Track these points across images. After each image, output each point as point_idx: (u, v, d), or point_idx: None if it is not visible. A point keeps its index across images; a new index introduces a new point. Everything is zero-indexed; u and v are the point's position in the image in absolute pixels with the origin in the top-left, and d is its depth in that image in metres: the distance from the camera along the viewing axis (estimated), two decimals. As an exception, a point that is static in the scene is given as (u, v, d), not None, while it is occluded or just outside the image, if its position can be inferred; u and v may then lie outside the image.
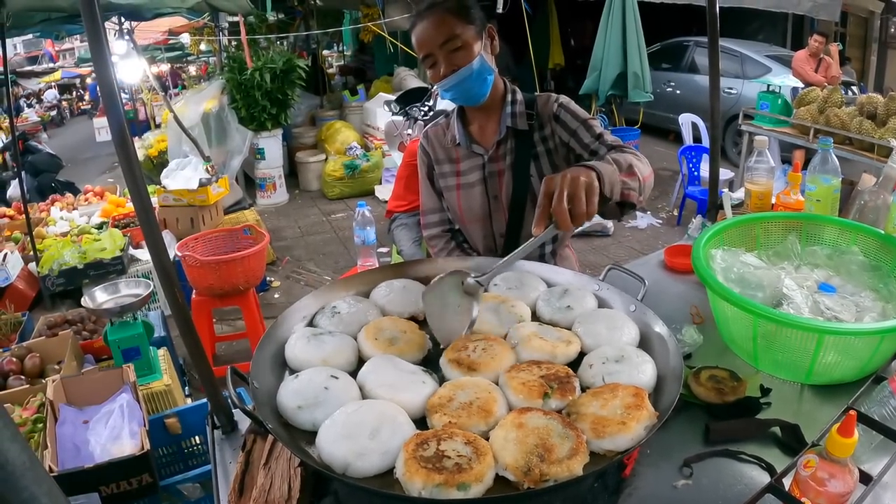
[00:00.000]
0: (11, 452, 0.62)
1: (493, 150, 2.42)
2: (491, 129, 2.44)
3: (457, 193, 2.50)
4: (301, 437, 1.39)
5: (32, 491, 0.64)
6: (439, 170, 2.54)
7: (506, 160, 2.42)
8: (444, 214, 2.62)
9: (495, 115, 2.42)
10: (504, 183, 2.43)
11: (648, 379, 1.50)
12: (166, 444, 3.33)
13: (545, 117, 2.39)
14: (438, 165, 2.54)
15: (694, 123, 8.79)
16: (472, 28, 2.18)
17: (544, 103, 2.41)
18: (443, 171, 2.54)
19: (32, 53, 31.98)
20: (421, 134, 2.60)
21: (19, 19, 6.69)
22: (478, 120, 2.47)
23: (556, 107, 2.38)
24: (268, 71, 9.29)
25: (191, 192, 6.88)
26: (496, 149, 2.42)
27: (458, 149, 2.48)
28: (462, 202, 2.49)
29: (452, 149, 2.50)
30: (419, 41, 2.21)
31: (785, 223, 2.31)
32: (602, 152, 2.22)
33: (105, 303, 3.85)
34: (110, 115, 1.77)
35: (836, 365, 1.75)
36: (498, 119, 2.42)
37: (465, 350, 1.62)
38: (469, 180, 2.47)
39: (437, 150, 2.54)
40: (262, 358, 1.61)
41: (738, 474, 1.50)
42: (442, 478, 1.17)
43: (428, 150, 2.57)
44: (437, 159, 2.54)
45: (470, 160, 2.46)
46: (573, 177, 1.63)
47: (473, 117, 2.48)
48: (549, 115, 2.38)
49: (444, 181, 2.54)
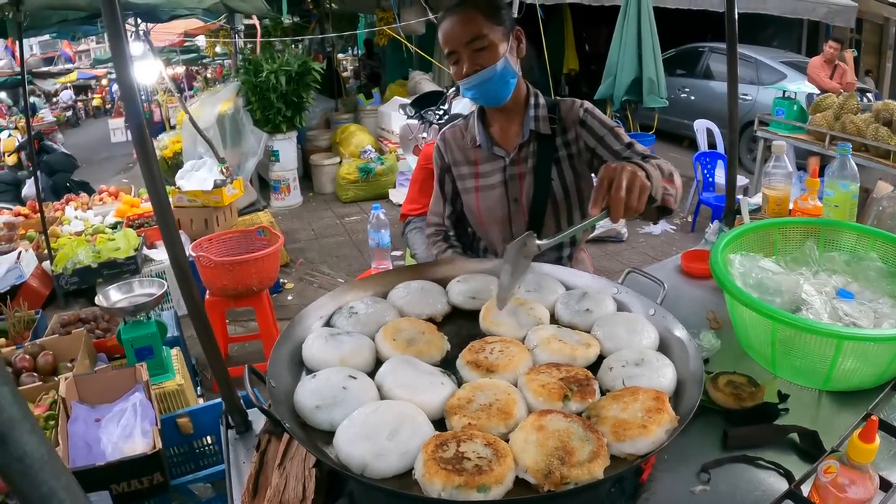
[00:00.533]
0: (30, 445, 0.62)
1: (514, 153, 2.41)
2: (513, 132, 2.43)
3: (475, 195, 2.49)
4: (318, 437, 1.39)
5: (51, 485, 0.64)
6: (457, 172, 2.53)
7: (527, 163, 2.41)
8: (441, 219, 2.65)
9: (518, 118, 2.42)
10: (525, 186, 2.42)
11: (668, 382, 1.49)
12: (178, 443, 3.34)
13: (569, 122, 2.39)
14: (456, 167, 2.53)
15: (709, 129, 8.76)
16: (499, 29, 2.18)
17: (568, 108, 2.41)
18: (461, 173, 2.53)
19: (49, 54, 32.15)
20: (438, 136, 2.59)
21: (36, 19, 6.73)
22: (499, 122, 2.45)
23: (583, 112, 2.38)
24: (283, 73, 9.31)
25: (205, 193, 6.92)
26: (518, 151, 2.41)
27: (478, 150, 2.47)
28: (481, 204, 2.48)
29: (471, 150, 2.49)
30: (446, 37, 2.22)
31: (803, 229, 2.30)
32: (635, 160, 2.21)
33: (119, 302, 3.86)
34: (129, 114, 1.79)
35: (854, 371, 1.73)
36: (520, 122, 2.41)
37: (483, 352, 1.62)
38: (489, 182, 2.46)
39: (454, 151, 2.54)
40: (280, 357, 1.62)
41: (756, 480, 1.50)
42: (462, 479, 1.16)
43: (444, 152, 2.57)
44: (455, 161, 2.53)
45: (490, 162, 2.46)
46: (632, 171, 1.70)
47: (495, 119, 2.46)
48: (575, 120, 2.38)
49: (462, 183, 2.53)
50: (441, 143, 2.58)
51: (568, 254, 2.57)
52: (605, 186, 1.69)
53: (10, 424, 0.60)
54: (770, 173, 2.77)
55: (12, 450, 0.61)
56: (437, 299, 1.94)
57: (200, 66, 26.56)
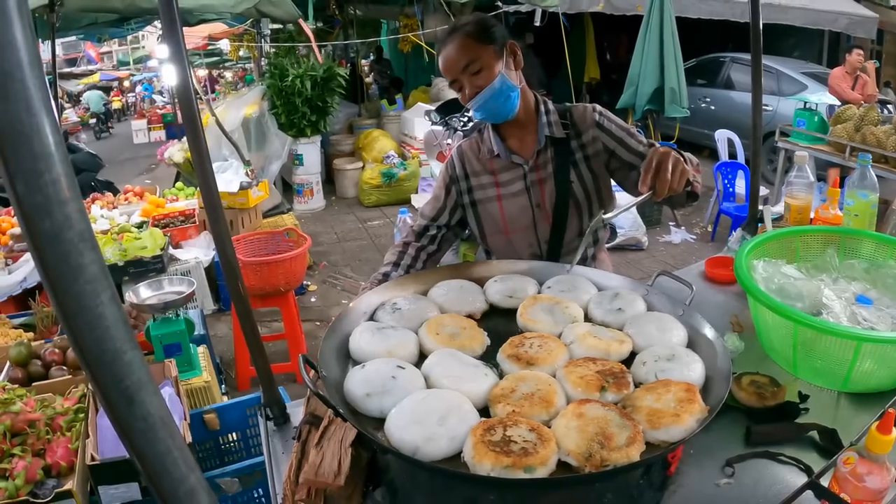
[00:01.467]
0: (154, 405, 0.67)
1: (533, 160, 2.48)
2: (529, 140, 2.50)
3: (498, 204, 2.54)
4: (368, 423, 1.45)
5: (168, 444, 0.69)
6: (476, 182, 2.57)
7: (546, 168, 2.48)
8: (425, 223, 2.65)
9: (531, 127, 2.49)
10: (546, 190, 2.49)
11: (698, 377, 1.55)
12: (203, 439, 3.39)
13: (585, 125, 2.47)
14: (476, 178, 2.57)
15: (729, 140, 8.77)
16: (490, 48, 2.27)
17: (581, 112, 2.50)
18: (480, 184, 2.57)
19: (72, 56, 32.36)
20: (454, 148, 2.64)
21: (67, 21, 6.81)
22: (514, 133, 2.53)
23: (598, 115, 2.48)
24: (308, 78, 9.39)
25: (231, 194, 6.96)
26: (536, 158, 2.48)
27: (496, 161, 2.53)
28: (505, 213, 2.53)
29: (489, 161, 2.54)
30: (444, 67, 2.33)
31: (824, 237, 2.35)
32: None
33: (148, 299, 3.92)
34: (185, 115, 1.87)
35: (872, 373, 1.78)
36: (535, 130, 2.49)
37: (523, 346, 1.70)
38: (511, 190, 2.52)
39: (472, 162, 2.58)
40: (328, 349, 1.68)
41: (777, 475, 1.56)
42: (510, 460, 1.23)
43: (458, 163, 2.61)
44: (474, 172, 2.57)
45: (510, 171, 2.52)
46: (676, 156, 1.95)
47: (510, 132, 2.53)
48: (591, 123, 2.47)
49: (483, 192, 2.57)
50: (457, 156, 2.62)
51: (592, 253, 2.64)
52: (655, 168, 1.92)
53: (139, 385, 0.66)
54: (792, 183, 2.83)
55: (138, 409, 0.66)
56: (476, 297, 2.01)
57: (222, 69, 26.69)
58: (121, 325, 0.63)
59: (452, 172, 2.61)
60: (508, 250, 2.60)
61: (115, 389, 0.65)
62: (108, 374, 0.64)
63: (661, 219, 8.89)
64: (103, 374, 0.64)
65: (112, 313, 0.62)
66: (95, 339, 0.62)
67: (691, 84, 11.08)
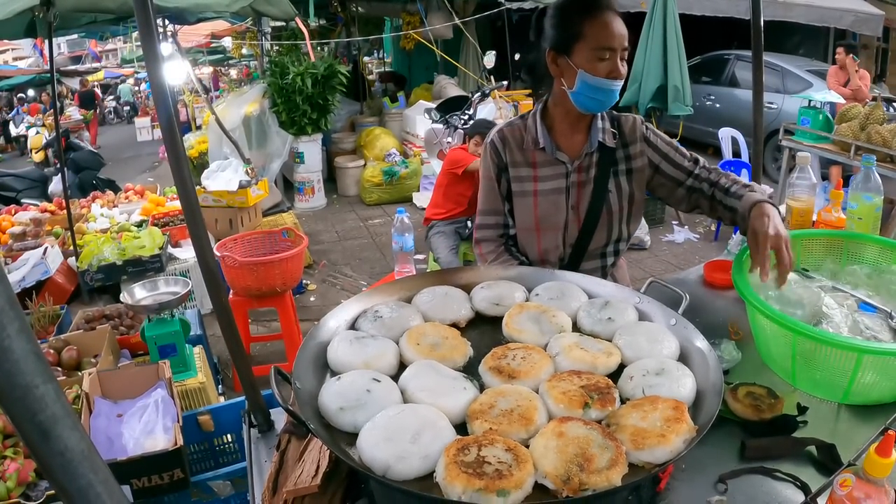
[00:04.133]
0: (72, 440, 0.64)
1: (579, 161, 2.43)
2: (579, 140, 2.45)
3: (534, 199, 2.47)
4: (342, 438, 1.40)
5: (90, 478, 0.66)
6: (515, 173, 2.49)
7: (589, 173, 2.44)
8: (501, 219, 2.56)
9: (584, 127, 2.45)
10: (584, 195, 2.44)
11: (688, 393, 1.50)
12: (198, 440, 3.38)
13: (633, 137, 2.45)
14: (515, 168, 2.49)
15: (734, 138, 8.73)
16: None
17: (630, 123, 2.47)
18: (519, 175, 2.49)
19: (76, 53, 32.49)
20: (493, 132, 2.54)
21: (66, 20, 6.81)
22: (565, 129, 2.46)
23: (646, 129, 2.47)
24: (309, 76, 9.37)
25: (230, 193, 6.96)
26: (582, 160, 2.43)
27: (539, 153, 2.46)
28: (540, 209, 2.47)
29: (531, 152, 2.47)
30: (608, 33, 2.22)
31: (826, 241, 2.31)
32: (704, 175, 2.42)
33: (144, 299, 3.91)
34: (161, 115, 1.83)
35: (873, 385, 1.73)
36: (587, 131, 2.44)
37: (505, 358, 1.63)
38: (549, 187, 2.46)
39: (514, 151, 2.49)
40: (304, 359, 1.63)
41: (772, 492, 1.50)
42: (482, 483, 1.18)
43: (501, 150, 2.50)
44: (514, 162, 2.48)
45: (552, 167, 2.45)
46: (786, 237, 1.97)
47: (561, 126, 2.46)
48: (640, 136, 2.45)
49: (520, 185, 2.49)
50: (499, 140, 2.51)
51: (612, 262, 2.58)
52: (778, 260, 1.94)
53: (54, 420, 0.62)
54: (794, 184, 2.77)
55: (55, 445, 0.63)
56: (461, 305, 1.95)
57: (226, 67, 26.75)
58: (31, 357, 0.61)
59: (498, 161, 2.51)
60: (535, 247, 2.53)
61: (28, 424, 0.62)
62: (20, 409, 0.62)
63: (664, 218, 8.84)
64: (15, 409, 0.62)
65: (20, 347, 0.60)
66: (5, 373, 0.60)
67: (695, 82, 11.05)
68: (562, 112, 2.42)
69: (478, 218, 2.62)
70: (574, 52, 2.25)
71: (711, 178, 2.40)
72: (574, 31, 2.23)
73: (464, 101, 7.56)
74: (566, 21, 2.26)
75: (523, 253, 2.58)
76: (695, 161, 2.44)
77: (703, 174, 2.41)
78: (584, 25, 2.21)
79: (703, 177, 2.41)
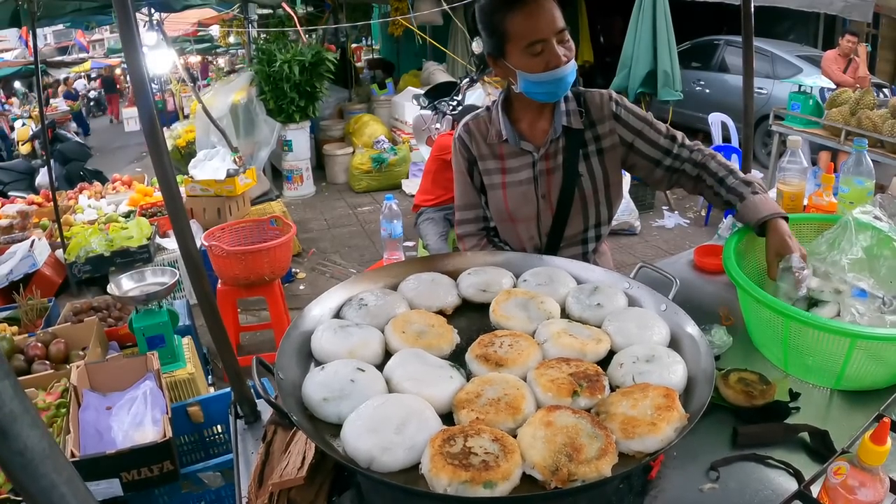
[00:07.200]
0: (31, 439, 0.62)
1: (544, 149, 2.36)
2: (542, 127, 2.38)
3: (503, 192, 2.42)
4: (326, 430, 1.37)
5: (52, 479, 0.64)
6: (483, 166, 2.44)
7: (556, 158, 2.37)
8: (479, 212, 2.52)
9: (548, 112, 2.37)
10: (553, 181, 2.38)
11: (679, 380, 1.47)
12: (188, 432, 3.35)
13: (601, 115, 2.36)
14: (483, 161, 2.44)
15: (723, 123, 8.72)
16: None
17: (597, 100, 2.38)
18: (487, 168, 2.44)
19: (63, 44, 32.30)
20: (460, 126, 2.50)
21: (50, 9, 6.77)
22: (529, 116, 2.39)
23: (615, 105, 2.36)
24: (297, 63, 9.32)
25: (218, 182, 6.92)
26: (548, 147, 2.36)
27: (504, 145, 2.39)
28: (510, 201, 2.42)
29: (497, 145, 2.41)
30: (535, 25, 2.10)
31: (818, 225, 2.28)
32: (685, 155, 2.33)
33: (131, 290, 3.88)
34: (140, 105, 1.79)
35: (866, 371, 1.72)
36: (550, 117, 2.37)
37: (492, 346, 1.61)
38: (517, 178, 2.40)
39: (479, 145, 2.44)
40: (288, 349, 1.60)
41: (765, 479, 1.49)
42: (468, 475, 1.15)
43: (469, 144, 2.45)
44: (482, 155, 2.43)
45: (518, 158, 2.39)
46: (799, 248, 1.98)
47: (524, 114, 2.39)
48: (608, 114, 2.36)
49: (489, 178, 2.44)
50: (465, 134, 2.46)
51: (593, 248, 2.54)
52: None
53: (12, 418, 0.60)
54: (785, 168, 2.74)
55: (13, 444, 0.61)
56: (448, 291, 1.92)
57: (214, 56, 26.61)
58: (-16, 353, 0.56)
59: (468, 154, 2.46)
60: (514, 238, 2.50)
61: (-17, 422, 0.59)
62: (-27, 407, 0.58)
63: (654, 203, 8.84)
64: (-31, 407, 0.59)
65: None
66: (-43, 370, 0.56)
67: (685, 67, 11.03)
68: (523, 102, 2.35)
69: (457, 214, 2.58)
70: (507, 53, 2.19)
71: (695, 159, 2.31)
72: (500, 32, 2.16)
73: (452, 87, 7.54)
74: (490, 24, 2.19)
75: (505, 243, 2.55)
76: (671, 138, 2.34)
77: (685, 154, 2.32)
78: (507, 24, 2.13)
79: (683, 157, 2.33)
